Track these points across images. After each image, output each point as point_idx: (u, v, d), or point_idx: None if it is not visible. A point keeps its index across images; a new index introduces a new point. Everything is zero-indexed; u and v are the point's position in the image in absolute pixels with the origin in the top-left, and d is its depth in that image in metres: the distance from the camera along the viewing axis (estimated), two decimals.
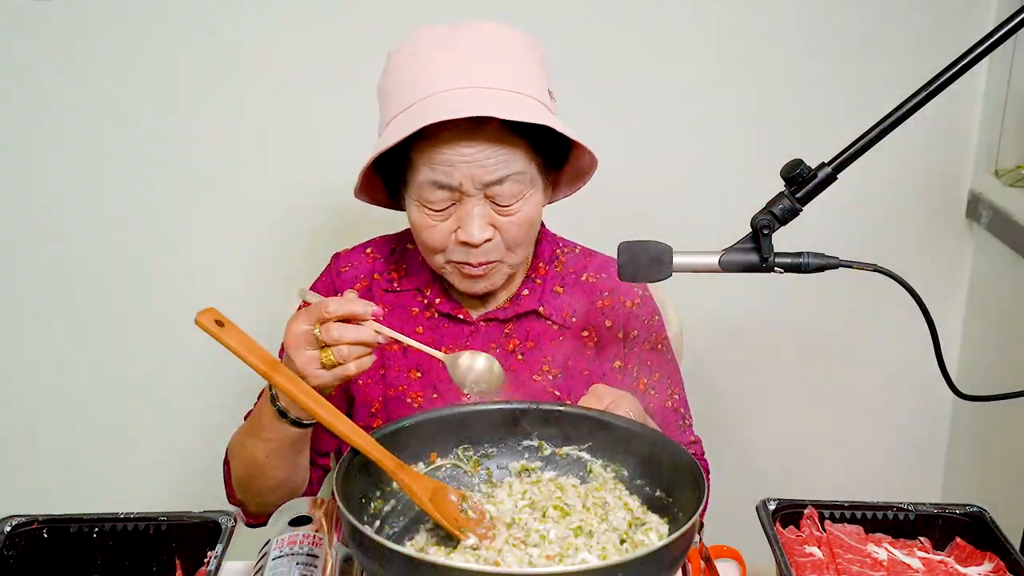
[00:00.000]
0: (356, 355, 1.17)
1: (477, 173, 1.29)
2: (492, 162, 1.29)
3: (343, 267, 1.52)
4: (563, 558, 1.05)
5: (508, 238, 1.35)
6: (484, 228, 1.32)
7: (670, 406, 1.50)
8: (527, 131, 1.31)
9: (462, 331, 1.46)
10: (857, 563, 1.18)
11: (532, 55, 1.35)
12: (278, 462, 1.32)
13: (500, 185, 1.31)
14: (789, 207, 1.20)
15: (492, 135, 1.28)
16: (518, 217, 1.34)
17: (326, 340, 1.16)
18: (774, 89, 2.08)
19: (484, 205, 1.32)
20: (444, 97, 1.27)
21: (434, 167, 1.30)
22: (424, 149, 1.30)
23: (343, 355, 1.16)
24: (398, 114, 1.31)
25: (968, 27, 2.03)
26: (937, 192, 2.18)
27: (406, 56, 1.33)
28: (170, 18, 1.97)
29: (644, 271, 1.23)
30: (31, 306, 2.14)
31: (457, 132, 1.27)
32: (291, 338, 1.19)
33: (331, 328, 1.16)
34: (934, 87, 1.16)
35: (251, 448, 1.33)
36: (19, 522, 1.17)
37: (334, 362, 1.17)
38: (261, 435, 1.30)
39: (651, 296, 1.54)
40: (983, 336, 2.21)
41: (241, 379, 2.13)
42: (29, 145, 2.04)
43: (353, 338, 1.16)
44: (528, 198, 1.35)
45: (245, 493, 1.40)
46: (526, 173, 1.33)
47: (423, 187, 1.32)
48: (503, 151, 1.29)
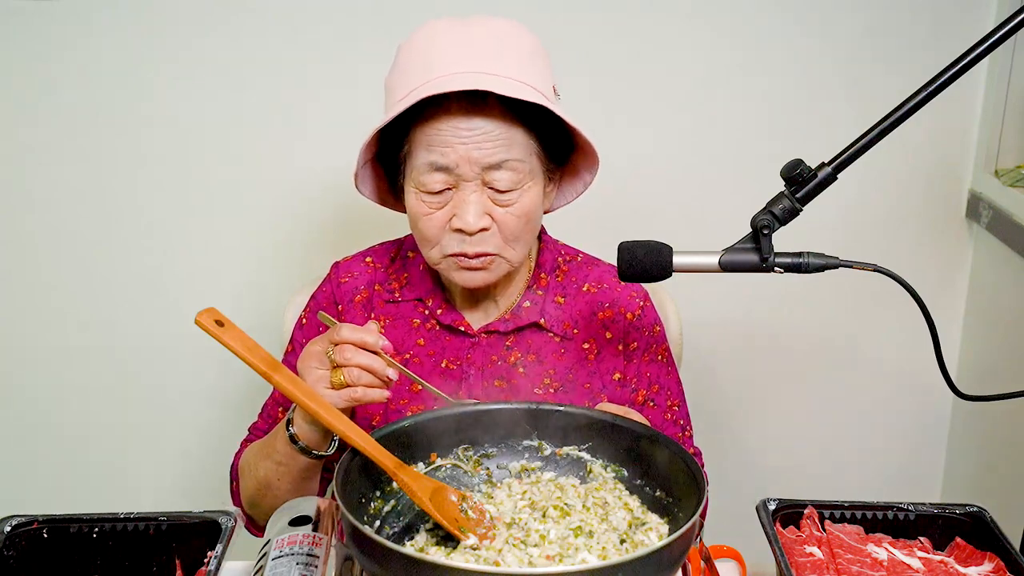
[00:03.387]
0: (365, 380, 1.19)
1: (475, 155, 1.28)
2: (490, 144, 1.28)
3: (343, 278, 1.51)
4: (563, 558, 1.05)
5: (506, 231, 1.34)
6: (480, 216, 1.31)
7: (670, 418, 1.50)
8: (528, 121, 1.31)
9: (463, 343, 1.45)
10: (857, 563, 1.18)
11: (539, 53, 1.35)
12: (289, 485, 1.33)
13: (498, 170, 1.30)
14: (789, 207, 1.20)
15: (492, 116, 1.28)
16: (516, 208, 1.33)
17: (337, 360, 1.19)
18: (774, 89, 2.08)
19: (481, 193, 1.31)
20: (446, 79, 1.26)
21: (431, 148, 1.29)
22: (422, 130, 1.30)
23: (352, 377, 1.18)
24: (400, 99, 1.30)
25: (968, 27, 2.03)
26: (937, 192, 2.18)
27: (414, 50, 1.33)
28: (170, 18, 1.97)
29: (644, 271, 1.23)
30: (30, 306, 2.14)
31: (456, 113, 1.28)
32: (305, 357, 1.22)
33: (344, 349, 1.18)
34: (934, 87, 1.16)
35: (264, 469, 1.34)
36: (19, 522, 1.17)
37: (343, 383, 1.19)
38: (273, 457, 1.32)
39: (653, 306, 1.53)
40: (983, 336, 2.21)
41: (242, 380, 2.15)
42: (29, 145, 2.04)
43: (364, 363, 1.18)
44: (527, 189, 1.33)
45: (255, 509, 1.42)
46: (525, 162, 1.32)
47: (421, 170, 1.31)
48: (502, 135, 1.29)
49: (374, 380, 1.20)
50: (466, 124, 1.28)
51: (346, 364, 1.18)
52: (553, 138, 1.36)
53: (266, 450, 1.34)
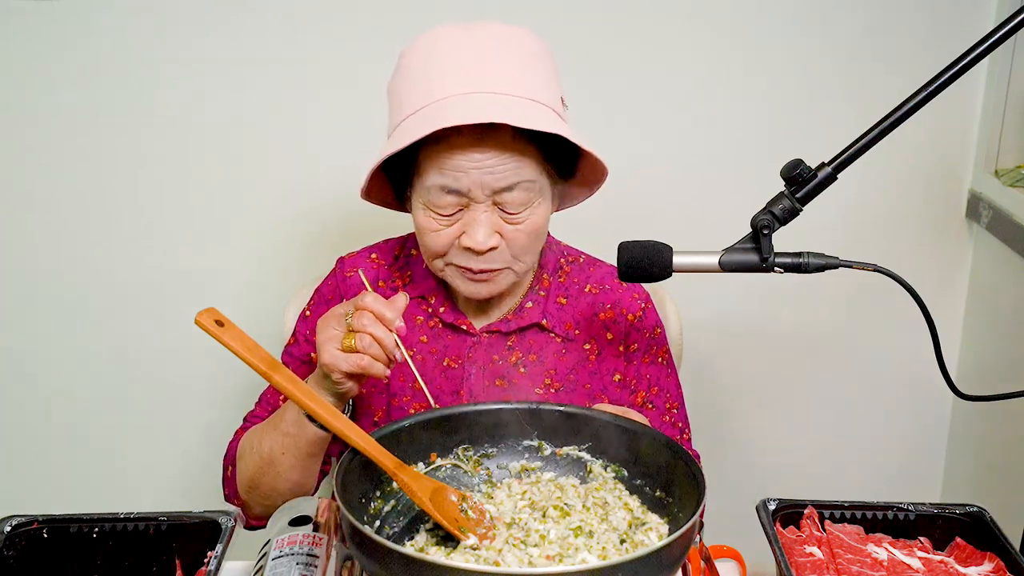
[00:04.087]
0: (374, 351, 1.20)
1: (487, 180, 1.27)
2: (502, 169, 1.27)
3: (348, 272, 1.51)
4: (563, 558, 1.05)
5: (514, 247, 1.34)
6: (490, 236, 1.31)
7: (668, 421, 1.50)
8: (538, 139, 1.29)
9: (464, 342, 1.45)
10: (857, 563, 1.18)
11: (546, 62, 1.33)
12: (294, 460, 1.32)
13: (509, 192, 1.29)
14: (789, 207, 1.20)
15: (503, 142, 1.27)
16: (525, 226, 1.33)
17: (354, 325, 1.21)
18: (774, 89, 2.08)
19: (492, 212, 1.31)
20: (456, 101, 1.25)
21: (443, 172, 1.28)
22: (434, 153, 1.28)
23: (363, 344, 1.20)
24: (408, 116, 1.29)
25: (968, 27, 2.03)
26: (937, 192, 2.18)
27: (419, 57, 1.31)
28: (170, 18, 1.97)
29: (644, 271, 1.23)
30: (30, 306, 2.14)
31: (468, 137, 1.26)
32: (327, 316, 1.25)
33: (363, 316, 1.21)
34: (934, 87, 1.16)
35: (268, 444, 1.33)
36: (19, 522, 1.17)
37: (352, 348, 1.20)
38: (281, 428, 1.31)
39: (654, 308, 1.53)
40: (983, 336, 2.21)
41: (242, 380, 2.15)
42: (29, 145, 2.04)
43: (377, 334, 1.20)
44: (536, 207, 1.33)
45: (252, 493, 1.40)
46: (536, 182, 1.31)
47: (431, 191, 1.30)
48: (514, 158, 1.28)
49: (381, 354, 1.21)
50: (479, 150, 1.27)
51: (361, 331, 1.20)
52: (563, 149, 1.34)
53: (273, 423, 1.34)
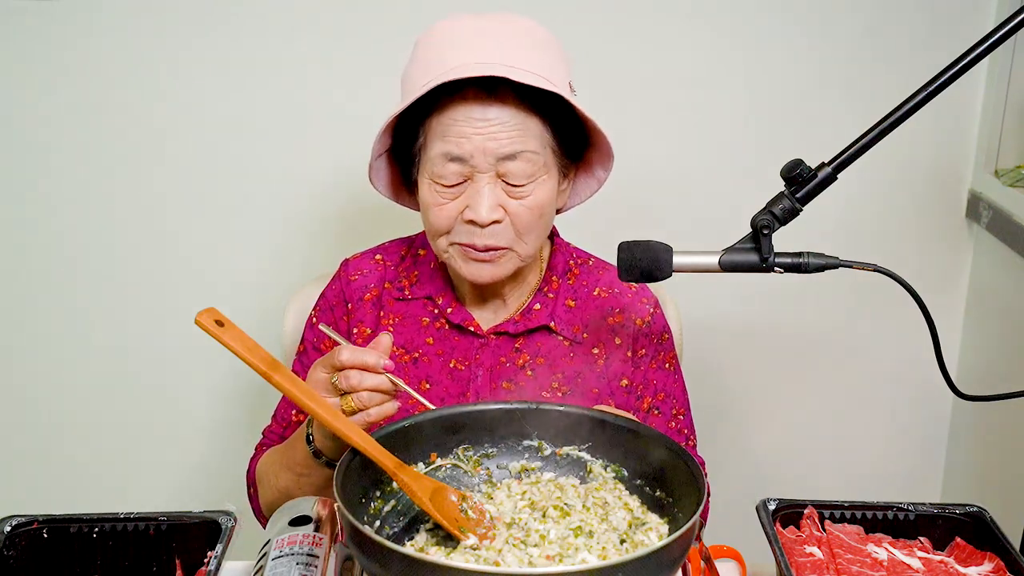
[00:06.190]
0: (376, 402, 1.18)
1: (490, 145, 1.28)
2: (506, 135, 1.29)
3: (353, 275, 1.50)
4: (563, 558, 1.05)
5: (518, 223, 1.34)
6: (493, 208, 1.31)
7: (674, 427, 1.49)
8: (543, 113, 1.31)
9: (472, 344, 1.45)
10: (857, 563, 1.18)
11: (556, 48, 1.35)
12: (310, 492, 1.33)
13: (513, 161, 1.30)
14: (789, 207, 1.20)
15: (506, 107, 1.29)
16: (529, 201, 1.33)
17: (343, 387, 1.18)
18: (774, 89, 2.08)
19: (495, 185, 1.31)
20: (462, 68, 1.27)
21: (447, 138, 1.30)
22: (438, 120, 1.30)
23: (363, 401, 1.18)
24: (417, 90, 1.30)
25: (968, 27, 2.03)
26: (937, 192, 2.18)
27: (432, 43, 1.33)
28: (170, 18, 1.97)
29: (644, 271, 1.23)
30: (30, 306, 2.14)
31: (471, 102, 1.28)
32: (311, 384, 1.20)
33: (349, 375, 1.17)
34: (934, 87, 1.16)
35: (284, 480, 1.35)
36: (19, 522, 1.17)
37: (354, 408, 1.18)
38: (294, 469, 1.32)
39: (662, 314, 1.53)
40: (983, 336, 2.20)
41: (242, 380, 2.15)
42: (30, 145, 2.04)
43: (371, 385, 1.17)
44: (541, 182, 1.33)
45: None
46: (539, 154, 1.32)
47: (435, 161, 1.31)
48: (517, 125, 1.29)
49: (384, 398, 1.19)
50: (481, 113, 1.28)
51: (354, 390, 1.17)
52: (568, 132, 1.36)
53: (285, 461, 1.34)
